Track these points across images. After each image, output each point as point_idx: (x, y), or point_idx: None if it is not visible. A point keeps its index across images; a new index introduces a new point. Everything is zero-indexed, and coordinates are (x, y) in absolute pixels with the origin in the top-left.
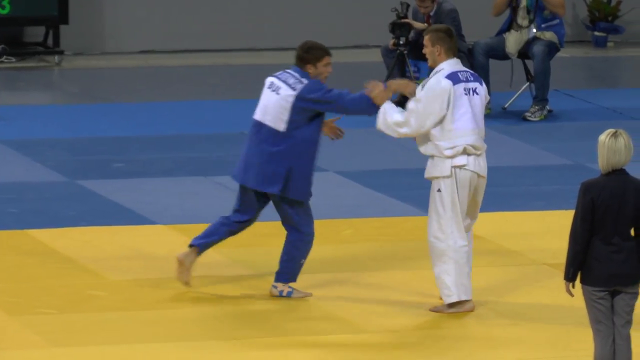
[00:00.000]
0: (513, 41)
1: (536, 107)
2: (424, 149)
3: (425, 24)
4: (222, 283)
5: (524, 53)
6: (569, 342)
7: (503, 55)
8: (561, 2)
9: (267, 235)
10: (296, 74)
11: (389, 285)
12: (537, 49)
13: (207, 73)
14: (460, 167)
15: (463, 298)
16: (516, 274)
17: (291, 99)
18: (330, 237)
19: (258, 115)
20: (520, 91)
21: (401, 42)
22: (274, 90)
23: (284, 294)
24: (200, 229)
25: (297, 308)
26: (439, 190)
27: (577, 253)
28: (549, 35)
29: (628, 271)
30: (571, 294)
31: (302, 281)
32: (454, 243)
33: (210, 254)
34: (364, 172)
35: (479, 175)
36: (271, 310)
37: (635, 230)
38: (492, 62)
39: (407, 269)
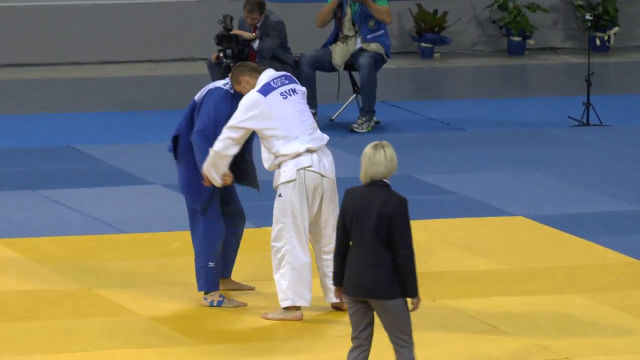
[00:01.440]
0: (339, 53)
1: (363, 119)
2: (269, 164)
3: (254, 34)
4: (50, 297)
5: (351, 65)
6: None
7: (329, 67)
8: (387, 10)
9: (94, 249)
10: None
11: None
12: (363, 60)
13: (30, 87)
14: (305, 168)
15: (299, 303)
16: None
17: (205, 92)
18: (157, 250)
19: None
20: (347, 103)
21: (228, 54)
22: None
23: (214, 303)
24: (28, 242)
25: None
26: (279, 195)
27: (335, 258)
28: (374, 47)
29: (369, 284)
30: (341, 299)
31: (131, 295)
32: (292, 248)
33: (36, 267)
34: None
35: (322, 176)
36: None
37: (394, 244)
38: (319, 74)
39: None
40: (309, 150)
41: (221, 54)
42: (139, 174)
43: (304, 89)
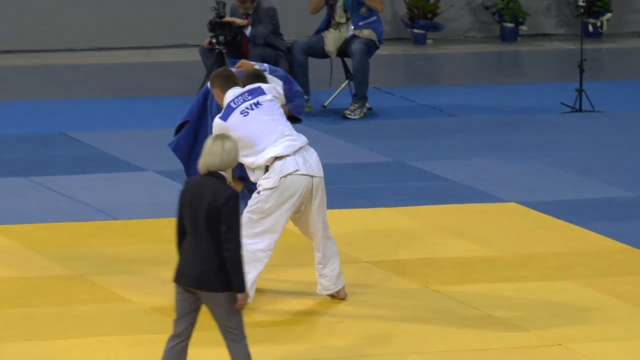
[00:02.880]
0: (332, 39)
1: (356, 105)
2: (254, 178)
3: (246, 20)
4: (43, 284)
5: (343, 51)
6: (390, 337)
7: (322, 54)
8: None
9: (86, 236)
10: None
11: None
12: (356, 46)
13: (23, 73)
14: (291, 173)
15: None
16: None
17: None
18: (150, 236)
19: None
20: (339, 89)
21: (221, 41)
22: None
23: None
24: (20, 229)
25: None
26: (258, 193)
27: (176, 248)
28: (367, 33)
29: (197, 274)
30: None
31: (123, 281)
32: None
33: (29, 254)
34: (182, 171)
35: (312, 176)
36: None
37: (222, 237)
38: (311, 61)
39: None
40: (282, 157)
41: (214, 40)
42: (132, 161)
43: (270, 96)
